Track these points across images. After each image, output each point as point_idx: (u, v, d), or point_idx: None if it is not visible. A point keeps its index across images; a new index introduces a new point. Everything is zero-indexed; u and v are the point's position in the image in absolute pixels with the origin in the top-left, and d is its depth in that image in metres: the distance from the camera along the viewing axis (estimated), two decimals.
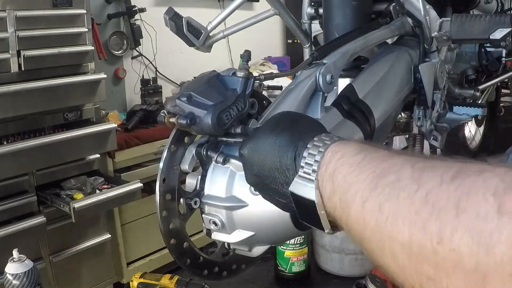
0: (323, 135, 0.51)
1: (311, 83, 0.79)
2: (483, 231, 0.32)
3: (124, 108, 3.05)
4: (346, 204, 0.44)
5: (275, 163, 0.52)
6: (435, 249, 0.35)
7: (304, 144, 0.50)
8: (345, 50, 0.87)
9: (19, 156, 1.95)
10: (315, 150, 0.49)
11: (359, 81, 0.92)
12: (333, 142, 0.49)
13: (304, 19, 1.17)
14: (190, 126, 0.62)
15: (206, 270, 0.71)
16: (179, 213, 0.69)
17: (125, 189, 2.19)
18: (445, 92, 1.19)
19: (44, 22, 2.02)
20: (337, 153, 0.47)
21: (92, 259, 2.36)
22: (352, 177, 0.44)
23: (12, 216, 1.98)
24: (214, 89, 0.64)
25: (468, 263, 0.33)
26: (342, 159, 0.46)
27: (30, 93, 1.97)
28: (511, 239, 0.31)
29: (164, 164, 0.66)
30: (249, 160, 0.55)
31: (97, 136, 2.22)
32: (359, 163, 0.44)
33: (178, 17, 0.94)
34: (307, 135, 0.51)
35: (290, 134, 0.53)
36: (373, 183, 0.41)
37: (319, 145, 0.49)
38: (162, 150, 0.67)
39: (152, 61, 3.19)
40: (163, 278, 1.35)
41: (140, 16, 3.03)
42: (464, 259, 0.33)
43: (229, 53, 3.57)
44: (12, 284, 1.14)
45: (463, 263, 0.33)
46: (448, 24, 1.11)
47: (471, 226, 0.33)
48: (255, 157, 0.54)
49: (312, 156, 0.49)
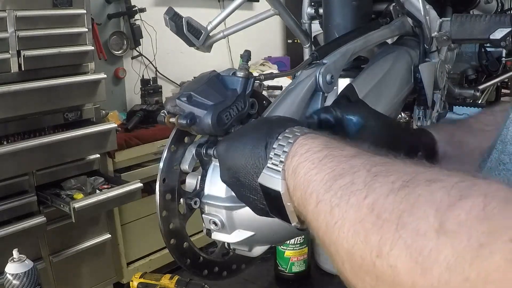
0: (295, 127, 0.51)
1: (311, 83, 0.79)
2: (422, 249, 0.31)
3: (124, 108, 3.05)
4: (305, 202, 0.44)
5: (248, 156, 0.52)
6: (374, 263, 0.34)
7: (275, 136, 0.50)
8: (345, 50, 0.87)
9: (19, 156, 1.95)
10: (284, 141, 0.49)
11: (359, 81, 0.92)
12: (303, 134, 0.49)
13: (304, 19, 1.17)
14: (190, 126, 0.62)
15: (206, 270, 0.71)
16: (179, 213, 0.69)
17: (125, 189, 2.19)
18: (445, 92, 1.19)
19: (44, 22, 2.02)
20: (303, 146, 0.47)
21: (92, 259, 2.36)
22: (312, 175, 0.43)
23: (12, 216, 1.99)
24: (214, 89, 0.64)
25: (405, 281, 0.32)
26: (306, 154, 0.46)
27: (30, 93, 1.98)
28: (449, 260, 0.29)
29: (164, 164, 0.66)
30: (224, 157, 0.56)
31: (97, 136, 2.22)
32: (320, 160, 0.44)
33: (178, 17, 0.94)
34: (279, 128, 0.51)
35: (264, 128, 0.53)
36: (328, 184, 0.41)
37: (289, 136, 0.49)
38: (162, 150, 0.67)
39: (152, 61, 3.19)
40: (163, 278, 1.35)
41: (140, 16, 3.03)
42: (401, 277, 0.32)
43: (229, 53, 3.57)
44: (12, 284, 1.14)
45: (400, 280, 0.32)
46: (448, 24, 1.11)
47: (410, 243, 0.32)
48: (230, 153, 0.55)
49: (281, 147, 0.49)
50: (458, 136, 0.69)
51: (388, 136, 0.61)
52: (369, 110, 0.62)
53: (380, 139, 0.59)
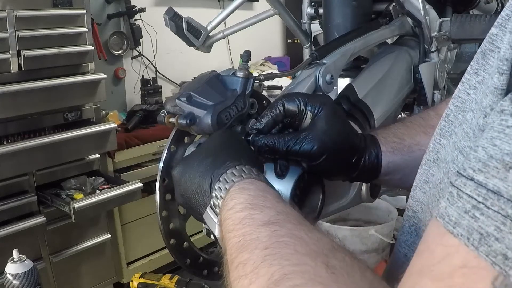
0: (234, 170, 0.52)
1: (311, 83, 0.79)
2: None
3: (124, 108, 3.05)
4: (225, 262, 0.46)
5: (196, 188, 0.54)
6: None
7: (218, 175, 0.52)
8: (345, 50, 0.87)
9: (19, 156, 1.95)
10: (223, 184, 0.51)
11: (359, 81, 0.92)
12: (238, 181, 0.50)
13: (304, 19, 1.17)
14: (190, 126, 0.62)
15: (206, 270, 0.71)
16: (179, 213, 0.69)
17: (125, 189, 2.19)
18: (445, 92, 1.19)
19: (44, 22, 2.02)
20: (232, 200, 0.48)
21: (92, 259, 2.36)
22: (229, 237, 0.45)
23: (12, 216, 1.99)
24: (214, 89, 0.64)
25: None
26: (230, 211, 0.47)
27: (30, 93, 1.98)
28: None
29: (164, 164, 0.66)
30: (178, 182, 0.57)
31: (97, 136, 2.22)
32: (238, 222, 0.45)
33: (178, 17, 0.94)
34: (224, 165, 0.52)
35: (211, 161, 0.54)
36: (234, 255, 0.43)
37: (227, 181, 0.51)
38: (162, 150, 0.67)
39: (152, 61, 3.19)
40: (163, 278, 1.36)
41: (140, 16, 3.03)
42: None
43: (229, 53, 3.57)
44: (12, 284, 1.14)
45: None
46: (448, 24, 1.11)
47: None
48: (182, 179, 0.56)
49: (219, 191, 0.51)
50: (408, 140, 0.67)
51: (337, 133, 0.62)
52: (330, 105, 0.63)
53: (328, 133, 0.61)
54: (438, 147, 0.46)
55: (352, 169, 0.65)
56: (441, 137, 0.45)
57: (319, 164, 0.60)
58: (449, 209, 0.30)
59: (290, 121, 0.64)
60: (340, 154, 0.62)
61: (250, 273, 0.40)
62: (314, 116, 0.61)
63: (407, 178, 0.67)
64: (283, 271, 0.38)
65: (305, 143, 0.60)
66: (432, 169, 0.47)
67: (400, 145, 0.66)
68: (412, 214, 0.49)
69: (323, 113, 0.61)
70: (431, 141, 0.47)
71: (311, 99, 0.62)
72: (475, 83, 0.39)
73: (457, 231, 0.29)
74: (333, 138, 0.61)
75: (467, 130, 0.37)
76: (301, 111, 0.62)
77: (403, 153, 0.66)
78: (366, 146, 0.65)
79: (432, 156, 0.47)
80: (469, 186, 0.29)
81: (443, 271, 0.29)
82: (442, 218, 0.30)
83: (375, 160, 0.65)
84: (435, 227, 0.31)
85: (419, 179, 0.49)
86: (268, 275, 0.38)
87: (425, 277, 0.30)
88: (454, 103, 0.42)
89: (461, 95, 0.41)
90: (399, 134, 0.68)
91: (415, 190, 0.49)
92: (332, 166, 0.62)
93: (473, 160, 0.30)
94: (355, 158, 0.64)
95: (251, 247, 0.42)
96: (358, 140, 0.64)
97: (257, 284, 0.38)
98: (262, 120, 0.62)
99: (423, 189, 0.48)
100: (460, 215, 0.29)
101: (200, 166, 0.54)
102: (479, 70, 0.39)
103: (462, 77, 0.41)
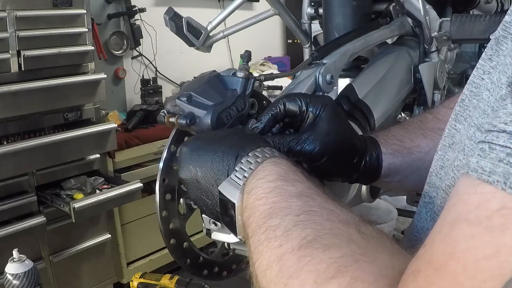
0: (266, 148, 0.53)
1: (311, 83, 0.79)
2: None
3: (124, 108, 3.05)
4: (247, 226, 0.47)
5: (216, 161, 0.53)
6: None
7: (247, 151, 0.52)
8: (345, 50, 0.87)
9: (19, 156, 1.95)
10: (253, 159, 0.51)
11: (359, 81, 0.92)
12: (271, 157, 0.51)
13: (304, 19, 1.17)
14: (190, 126, 0.62)
15: (206, 270, 0.71)
16: (179, 213, 0.69)
17: (125, 189, 2.19)
18: (445, 92, 1.19)
19: (44, 22, 2.02)
20: (263, 171, 0.49)
21: (92, 259, 2.36)
22: (257, 205, 0.46)
23: (12, 216, 1.99)
24: (214, 89, 0.64)
25: None
26: (261, 180, 0.48)
27: (30, 93, 1.97)
28: None
29: (164, 164, 0.66)
30: (189, 155, 0.56)
31: (97, 136, 2.22)
32: (269, 191, 0.47)
33: (178, 17, 0.94)
34: (253, 145, 0.53)
35: (238, 140, 0.55)
36: (262, 221, 0.44)
37: (259, 156, 0.51)
38: (162, 150, 0.67)
39: (152, 61, 3.19)
40: (163, 278, 1.36)
41: (140, 16, 3.03)
42: None
43: (229, 53, 3.57)
44: (12, 284, 1.14)
45: None
46: (448, 24, 1.11)
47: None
48: (197, 152, 0.55)
49: (248, 164, 0.51)
50: (408, 142, 0.67)
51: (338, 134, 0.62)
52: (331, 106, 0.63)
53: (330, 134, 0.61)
54: (453, 132, 0.46)
55: (353, 171, 0.65)
56: (456, 122, 0.46)
57: (320, 165, 0.61)
58: (481, 162, 0.31)
59: (291, 121, 0.64)
60: (341, 156, 0.62)
61: (281, 236, 0.41)
62: (315, 117, 0.62)
63: (406, 180, 0.68)
64: (316, 233, 0.39)
65: (307, 144, 0.60)
66: (447, 154, 0.47)
67: (400, 147, 0.67)
68: (429, 200, 0.49)
69: (325, 114, 0.61)
70: (446, 127, 0.48)
71: (313, 99, 0.63)
72: (489, 68, 0.40)
73: (493, 179, 0.30)
74: (335, 139, 0.61)
75: (485, 108, 0.38)
76: (302, 112, 0.62)
77: (403, 155, 0.66)
78: (367, 147, 0.65)
79: (447, 141, 0.48)
80: (502, 138, 0.31)
81: (480, 215, 0.29)
82: (474, 171, 0.31)
83: (375, 162, 0.65)
84: (466, 181, 0.32)
85: (434, 164, 0.50)
86: (301, 237, 0.40)
87: (461, 224, 0.30)
88: (469, 88, 0.43)
89: (476, 80, 0.42)
90: (399, 137, 0.68)
91: (431, 176, 0.50)
92: (333, 167, 0.62)
93: (503, 115, 0.31)
94: (356, 160, 0.64)
95: (282, 214, 0.43)
96: (359, 142, 0.65)
97: (289, 244, 0.40)
98: (262, 119, 0.63)
99: (439, 174, 0.48)
100: (494, 164, 0.30)
101: (226, 142, 0.55)
102: (493, 56, 0.40)
103: (477, 64, 0.42)
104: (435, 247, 0.32)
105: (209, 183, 0.54)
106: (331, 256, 0.37)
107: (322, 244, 0.39)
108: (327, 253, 0.38)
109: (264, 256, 0.42)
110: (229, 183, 0.51)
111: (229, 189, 0.51)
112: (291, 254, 0.39)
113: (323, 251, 0.38)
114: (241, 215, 0.50)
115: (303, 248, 0.39)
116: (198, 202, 0.57)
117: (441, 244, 0.31)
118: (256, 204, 0.46)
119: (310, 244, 0.39)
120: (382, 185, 0.76)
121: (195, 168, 0.55)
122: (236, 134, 0.58)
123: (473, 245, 0.29)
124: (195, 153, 0.55)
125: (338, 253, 0.37)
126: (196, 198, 0.57)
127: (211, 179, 0.54)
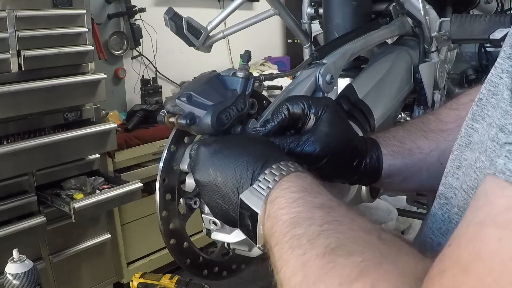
0: (290, 163, 0.53)
1: (311, 83, 0.79)
2: None
3: (124, 108, 3.05)
4: (270, 235, 0.48)
5: (240, 168, 0.54)
6: None
7: (272, 162, 0.53)
8: (345, 50, 0.87)
9: (19, 156, 1.95)
10: (278, 171, 0.52)
11: (359, 81, 0.92)
12: (295, 171, 0.52)
13: (304, 19, 1.17)
14: (189, 126, 0.62)
15: (206, 270, 0.71)
16: (179, 213, 0.69)
17: (125, 189, 2.19)
18: (445, 92, 1.19)
19: (44, 22, 2.02)
20: (287, 182, 0.50)
21: (92, 259, 2.36)
22: (281, 214, 0.47)
23: (12, 216, 1.99)
24: (214, 89, 0.64)
25: None
26: (285, 190, 0.49)
27: (30, 93, 1.97)
28: None
29: (164, 164, 0.66)
30: (211, 157, 0.56)
31: (97, 136, 2.22)
32: (293, 201, 0.47)
33: (178, 17, 0.94)
34: (279, 157, 0.54)
35: (266, 150, 0.56)
36: (286, 230, 0.45)
37: (283, 168, 0.52)
38: (162, 150, 0.67)
39: (152, 61, 3.19)
40: (163, 278, 1.35)
41: (140, 16, 3.03)
42: None
43: (229, 53, 3.57)
44: (12, 284, 1.14)
45: None
46: (448, 24, 1.11)
47: None
48: (220, 155, 0.55)
49: (272, 175, 0.51)
50: (409, 143, 0.67)
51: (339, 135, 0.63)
52: (332, 108, 0.63)
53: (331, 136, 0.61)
54: (470, 132, 0.46)
55: (353, 172, 0.65)
56: (473, 122, 0.45)
57: (321, 167, 0.61)
58: (509, 165, 0.31)
59: (292, 123, 0.64)
60: (342, 157, 0.62)
61: (305, 244, 0.42)
62: (316, 119, 0.62)
63: (407, 181, 0.67)
64: (339, 241, 0.41)
65: (308, 145, 0.60)
66: (464, 153, 0.47)
67: (400, 149, 0.67)
68: (445, 201, 0.49)
69: (326, 115, 0.62)
70: (463, 127, 0.47)
71: (314, 101, 0.63)
72: (508, 67, 0.39)
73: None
74: (335, 141, 0.61)
75: (507, 108, 0.37)
76: (306, 114, 0.62)
77: (404, 156, 0.66)
78: (367, 149, 0.65)
79: (464, 141, 0.47)
80: None
81: (508, 218, 0.29)
82: (502, 173, 0.31)
83: (376, 163, 0.65)
84: (493, 182, 0.32)
85: (450, 165, 0.49)
86: (325, 245, 0.41)
87: (488, 226, 0.30)
88: (487, 87, 0.43)
89: (494, 79, 0.42)
90: (400, 138, 0.68)
91: (446, 177, 0.49)
92: (334, 169, 0.62)
93: None
94: (356, 161, 0.64)
95: (306, 224, 0.44)
96: (359, 143, 0.65)
97: (313, 252, 0.41)
98: (268, 126, 0.63)
99: (455, 174, 0.48)
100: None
101: (253, 150, 0.55)
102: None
103: (495, 63, 0.42)
104: (462, 248, 0.32)
105: (229, 189, 0.54)
106: (354, 261, 0.38)
107: (345, 251, 0.39)
108: (350, 258, 0.39)
109: (289, 263, 0.42)
110: (251, 193, 0.52)
111: (252, 199, 0.51)
112: (315, 260, 0.40)
113: (346, 257, 0.39)
114: (262, 225, 0.50)
115: (327, 255, 0.40)
116: (212, 205, 0.57)
117: (468, 245, 0.31)
118: (279, 214, 0.47)
119: (334, 251, 0.40)
120: (383, 186, 0.76)
121: (215, 172, 0.55)
122: (260, 143, 0.58)
123: (500, 247, 0.29)
124: (216, 156, 0.55)
125: (361, 258, 0.38)
126: (210, 201, 0.56)
127: (232, 186, 0.54)
